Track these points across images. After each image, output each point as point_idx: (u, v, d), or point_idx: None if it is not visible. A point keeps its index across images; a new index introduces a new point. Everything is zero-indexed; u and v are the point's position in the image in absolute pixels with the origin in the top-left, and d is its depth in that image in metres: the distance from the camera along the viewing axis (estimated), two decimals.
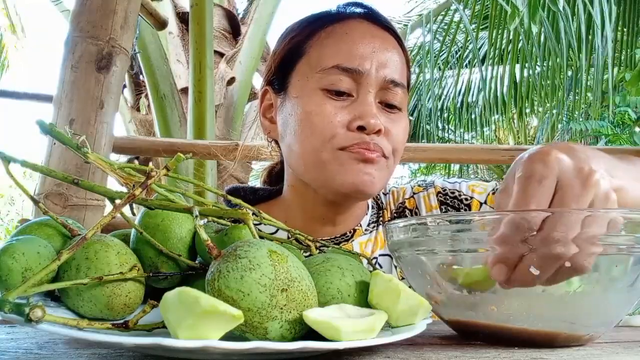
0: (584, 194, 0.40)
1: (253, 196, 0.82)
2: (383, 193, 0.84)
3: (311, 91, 0.68)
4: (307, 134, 0.67)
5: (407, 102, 0.73)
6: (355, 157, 0.65)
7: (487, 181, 0.81)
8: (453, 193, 0.79)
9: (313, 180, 0.69)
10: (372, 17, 0.73)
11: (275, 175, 0.88)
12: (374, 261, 0.76)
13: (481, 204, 0.77)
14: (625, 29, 3.31)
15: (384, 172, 0.68)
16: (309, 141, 0.67)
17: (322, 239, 0.74)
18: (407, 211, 0.80)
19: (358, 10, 0.74)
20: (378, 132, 0.66)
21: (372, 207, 0.81)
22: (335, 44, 0.69)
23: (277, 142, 0.79)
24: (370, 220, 0.79)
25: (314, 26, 0.72)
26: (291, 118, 0.69)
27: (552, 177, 0.41)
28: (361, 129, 0.65)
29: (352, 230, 0.77)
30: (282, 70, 0.73)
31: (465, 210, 0.77)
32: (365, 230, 0.77)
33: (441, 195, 0.80)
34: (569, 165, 0.42)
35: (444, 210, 0.78)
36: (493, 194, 0.77)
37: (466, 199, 0.78)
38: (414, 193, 0.82)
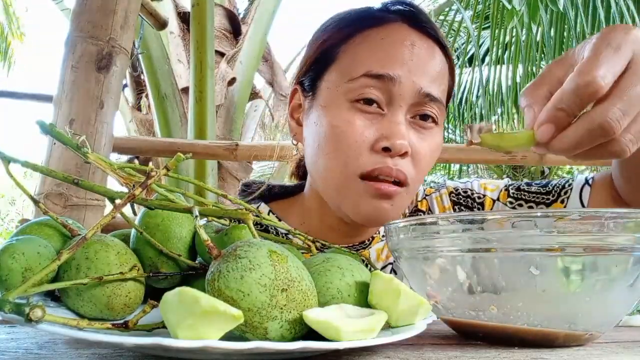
0: None
1: (268, 193, 0.81)
2: None
3: (340, 103, 0.64)
4: (330, 150, 0.64)
5: (444, 118, 0.68)
6: (373, 193, 0.62)
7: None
8: (465, 192, 0.78)
9: (329, 200, 0.68)
10: (414, 20, 0.67)
11: (303, 168, 0.84)
12: (389, 267, 0.75)
13: (494, 201, 0.77)
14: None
15: (403, 201, 0.65)
16: (332, 159, 0.64)
17: (340, 246, 0.73)
18: (420, 213, 0.79)
19: (400, 8, 0.69)
20: (404, 154, 0.62)
21: None
22: (368, 50, 0.64)
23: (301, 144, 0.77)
24: None
25: (350, 29, 0.67)
26: (316, 128, 0.66)
27: (629, 48, 0.39)
28: (386, 150, 0.61)
29: (370, 238, 0.76)
30: (313, 72, 0.70)
31: (479, 208, 0.77)
32: (383, 236, 0.77)
33: (454, 195, 0.79)
34: None
35: (457, 210, 0.77)
36: (506, 190, 0.76)
37: (479, 197, 0.77)
38: (426, 195, 0.80)
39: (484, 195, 0.77)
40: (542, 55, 3.61)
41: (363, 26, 0.67)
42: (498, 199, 0.76)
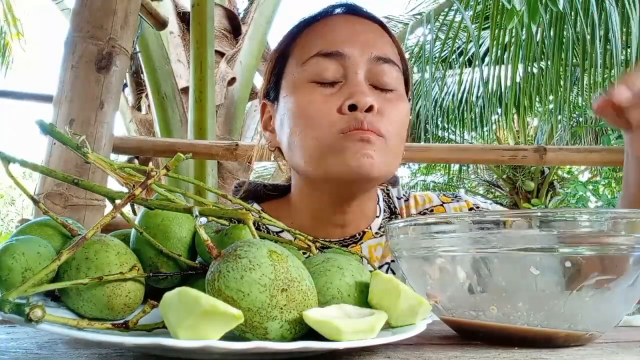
0: None
1: (263, 191, 0.81)
2: (397, 197, 0.82)
3: (300, 85, 0.67)
4: (302, 126, 0.66)
5: (404, 85, 0.72)
6: (352, 139, 0.63)
7: (488, 182, 0.80)
8: None
9: (314, 172, 0.67)
10: (354, 12, 0.72)
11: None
12: (385, 267, 0.74)
13: None
14: (625, 29, 3.31)
15: (384, 153, 0.65)
16: (306, 134, 0.66)
17: (330, 240, 0.73)
18: None
19: (339, 10, 0.74)
20: (370, 109, 0.63)
21: (385, 211, 0.79)
22: (315, 36, 0.69)
23: (280, 151, 0.78)
24: (381, 224, 0.77)
25: (297, 29, 0.73)
26: (285, 116, 0.69)
27: None
28: (353, 108, 0.63)
29: (361, 233, 0.75)
30: (274, 78, 0.74)
31: None
32: (376, 233, 0.76)
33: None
34: None
35: None
36: None
37: None
38: (443, 202, 0.80)
39: None
40: (542, 55, 3.62)
41: (308, 23, 0.73)
42: None
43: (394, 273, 0.74)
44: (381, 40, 0.69)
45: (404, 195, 0.83)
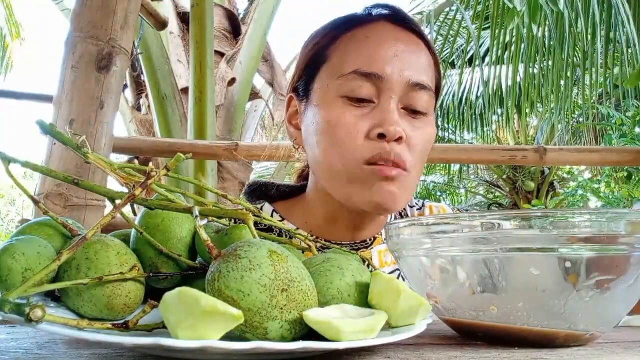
0: None
1: (275, 192, 0.82)
2: (409, 205, 0.83)
3: (331, 99, 0.66)
4: (328, 144, 0.66)
5: (434, 107, 0.71)
6: (377, 176, 0.63)
7: (488, 182, 0.82)
8: None
9: (335, 192, 0.68)
10: (397, 19, 0.70)
11: (304, 177, 0.86)
12: (396, 273, 0.75)
13: None
14: (626, 29, 3.31)
15: (406, 186, 0.66)
16: (331, 153, 0.66)
17: (341, 243, 0.74)
18: None
19: (383, 11, 0.72)
20: (399, 139, 0.63)
21: (396, 218, 0.80)
22: (355, 48, 0.67)
23: (304, 149, 0.78)
24: None
25: (337, 31, 0.70)
26: (312, 127, 0.68)
27: None
28: (381, 136, 0.63)
29: (372, 238, 0.76)
30: (305, 76, 0.72)
31: None
32: (385, 239, 0.77)
33: None
34: None
35: None
36: None
37: None
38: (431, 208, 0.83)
39: None
40: (543, 56, 3.62)
41: (349, 27, 0.70)
42: None
43: (404, 279, 0.74)
44: (420, 60, 0.68)
45: (416, 203, 0.84)
